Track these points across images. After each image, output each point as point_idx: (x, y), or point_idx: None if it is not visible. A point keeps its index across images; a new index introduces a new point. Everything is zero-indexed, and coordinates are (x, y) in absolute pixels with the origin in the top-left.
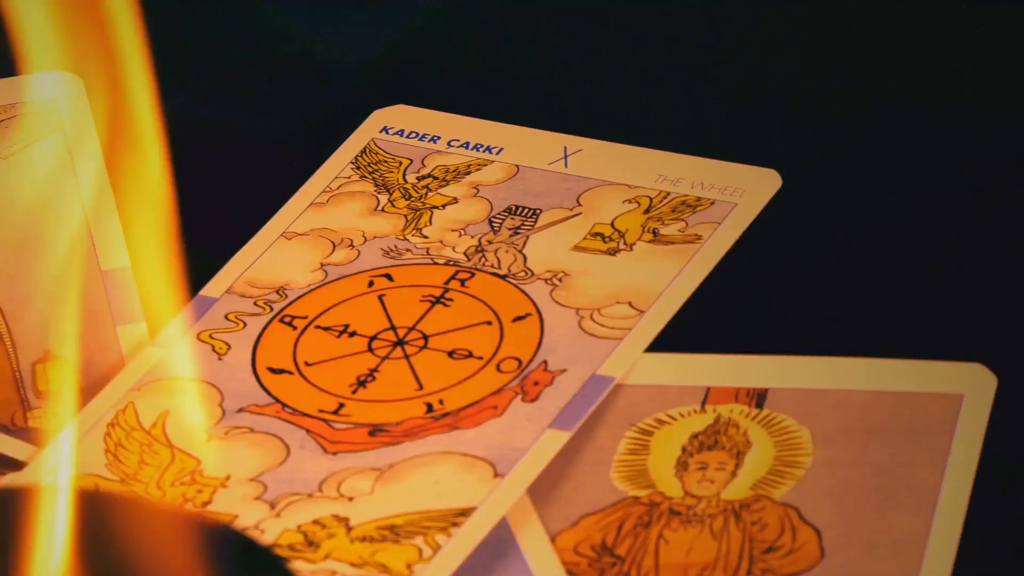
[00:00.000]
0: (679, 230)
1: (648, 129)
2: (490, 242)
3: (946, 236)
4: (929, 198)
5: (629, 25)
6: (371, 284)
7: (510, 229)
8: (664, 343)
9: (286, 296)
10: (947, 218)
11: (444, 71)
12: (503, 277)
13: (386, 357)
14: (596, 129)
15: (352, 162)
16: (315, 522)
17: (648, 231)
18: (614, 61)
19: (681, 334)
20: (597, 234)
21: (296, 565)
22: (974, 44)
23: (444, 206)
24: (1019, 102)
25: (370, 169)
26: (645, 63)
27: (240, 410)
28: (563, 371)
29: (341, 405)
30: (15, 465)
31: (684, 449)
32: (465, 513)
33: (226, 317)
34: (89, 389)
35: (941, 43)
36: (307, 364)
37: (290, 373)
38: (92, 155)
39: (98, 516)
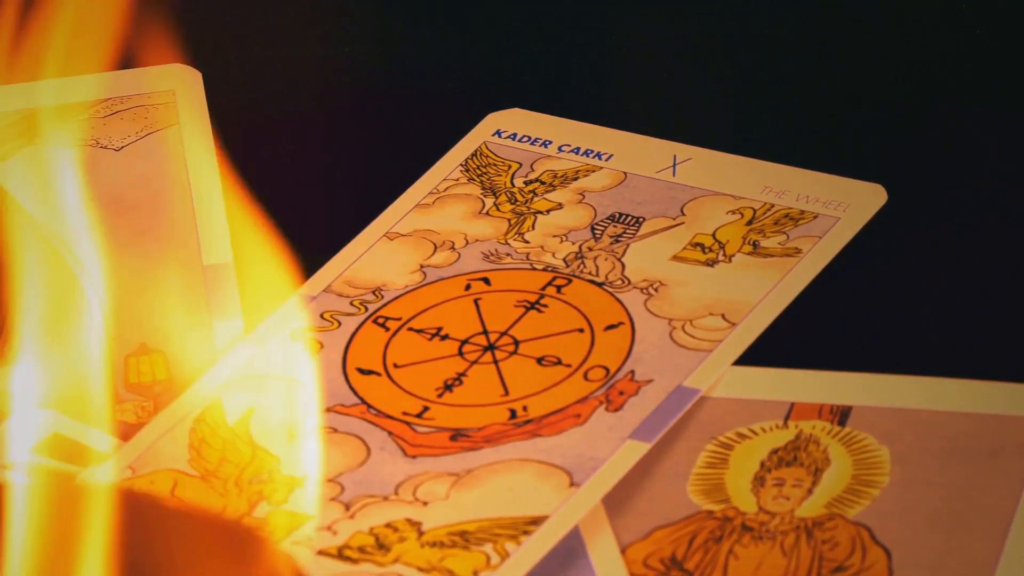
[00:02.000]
0: (779, 243)
1: (756, 138)
2: (590, 249)
3: None
4: None
5: (744, 35)
6: (468, 287)
7: (611, 237)
8: (749, 356)
9: (382, 297)
10: None
11: (561, 75)
12: (600, 285)
13: (475, 362)
14: (705, 137)
15: (462, 164)
16: (388, 525)
17: (748, 243)
18: (726, 70)
19: (767, 347)
20: (697, 244)
21: (363, 568)
22: None
23: (548, 211)
24: None
25: (479, 172)
26: (756, 73)
27: (326, 409)
28: (649, 381)
29: (425, 408)
30: (96, 457)
31: (762, 464)
32: (537, 522)
33: (322, 316)
34: (181, 384)
35: None
36: (396, 366)
37: (378, 374)
38: (205, 149)
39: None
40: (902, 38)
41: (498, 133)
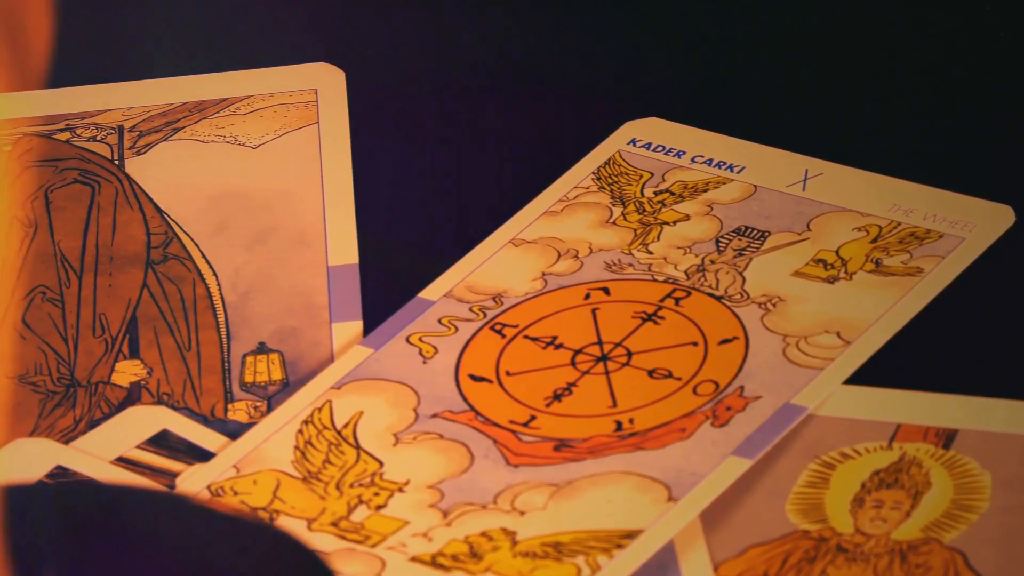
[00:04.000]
0: (902, 262)
1: (888, 153)
2: (712, 262)
3: None
4: None
5: (882, 52)
6: (587, 296)
7: (735, 250)
8: (857, 374)
9: (502, 303)
10: None
11: (700, 86)
12: (718, 298)
13: (587, 372)
14: (838, 151)
15: (594, 172)
16: (483, 534)
17: (871, 261)
18: (862, 85)
19: (875, 366)
20: (820, 260)
21: None
22: None
23: (675, 222)
24: None
25: (610, 181)
26: (893, 88)
27: (434, 415)
28: (757, 398)
29: (533, 417)
30: (203, 456)
31: (863, 485)
32: (631, 535)
33: (439, 321)
34: (295, 385)
35: None
36: (508, 374)
37: (489, 382)
38: (341, 149)
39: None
40: None
41: (633, 142)
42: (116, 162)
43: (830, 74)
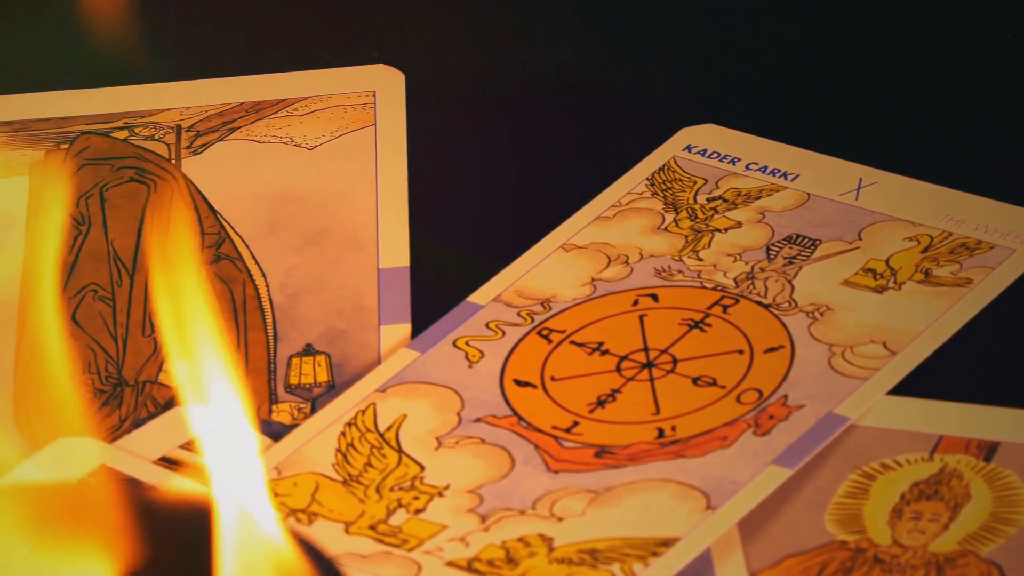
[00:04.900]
0: (952, 272)
1: (941, 164)
2: (762, 270)
3: None
4: None
5: (942, 63)
6: (636, 303)
7: (785, 258)
8: (900, 385)
9: (550, 308)
10: None
11: (758, 92)
12: (766, 307)
13: (631, 378)
14: (893, 160)
15: (648, 178)
16: (520, 539)
17: (921, 271)
18: (920, 94)
19: (918, 376)
20: (869, 270)
21: None
22: None
23: (726, 230)
24: None
25: (664, 187)
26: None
27: (477, 420)
28: (800, 407)
29: (575, 423)
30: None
31: (903, 497)
32: (668, 543)
33: (487, 325)
34: (340, 387)
35: None
36: (552, 379)
37: (534, 387)
38: (397, 151)
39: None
40: None
41: (688, 148)
42: (173, 161)
43: (888, 82)
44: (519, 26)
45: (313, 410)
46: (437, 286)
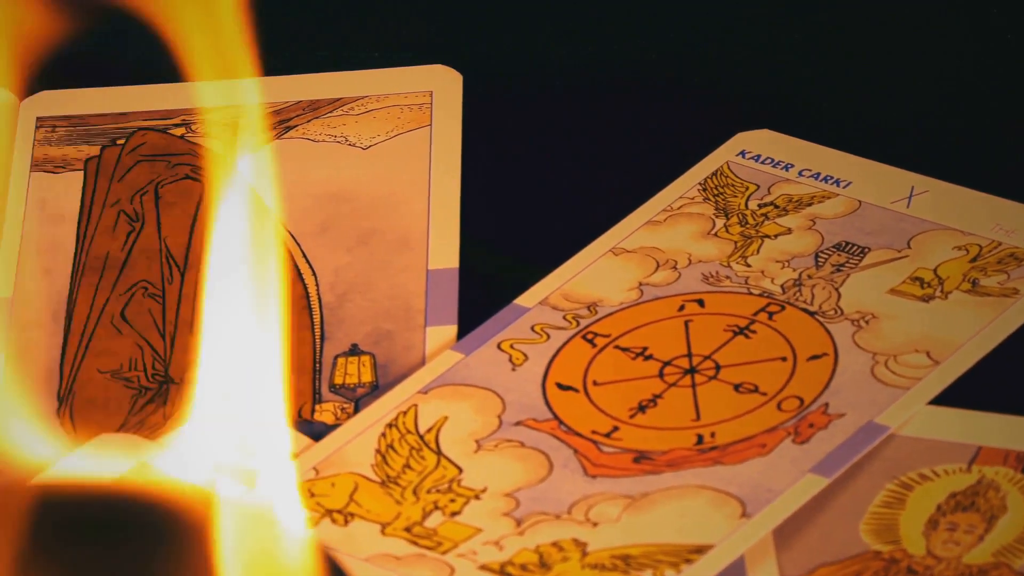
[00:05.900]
0: (999, 282)
1: (992, 172)
2: (810, 277)
3: None
4: None
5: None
6: (682, 308)
7: (834, 266)
8: (940, 395)
9: (596, 312)
10: None
11: (815, 98)
12: (812, 314)
13: (673, 384)
14: (946, 168)
15: (700, 183)
16: (554, 544)
17: (968, 280)
18: (973, 101)
19: (958, 386)
20: (917, 279)
21: None
22: None
23: (776, 236)
24: None
25: (715, 192)
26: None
27: (518, 423)
28: (841, 415)
29: (615, 428)
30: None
31: (939, 507)
32: (701, 550)
33: (532, 328)
34: (384, 388)
35: None
36: (595, 383)
37: (576, 391)
38: (452, 152)
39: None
40: None
41: (742, 154)
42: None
43: (944, 91)
44: (576, 28)
45: (356, 410)
46: (485, 288)
